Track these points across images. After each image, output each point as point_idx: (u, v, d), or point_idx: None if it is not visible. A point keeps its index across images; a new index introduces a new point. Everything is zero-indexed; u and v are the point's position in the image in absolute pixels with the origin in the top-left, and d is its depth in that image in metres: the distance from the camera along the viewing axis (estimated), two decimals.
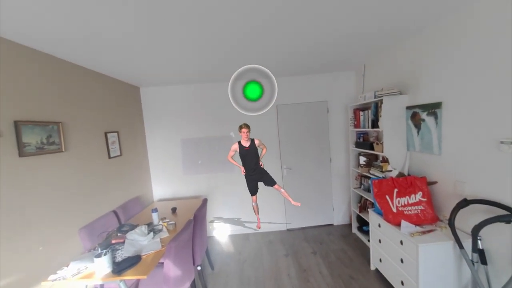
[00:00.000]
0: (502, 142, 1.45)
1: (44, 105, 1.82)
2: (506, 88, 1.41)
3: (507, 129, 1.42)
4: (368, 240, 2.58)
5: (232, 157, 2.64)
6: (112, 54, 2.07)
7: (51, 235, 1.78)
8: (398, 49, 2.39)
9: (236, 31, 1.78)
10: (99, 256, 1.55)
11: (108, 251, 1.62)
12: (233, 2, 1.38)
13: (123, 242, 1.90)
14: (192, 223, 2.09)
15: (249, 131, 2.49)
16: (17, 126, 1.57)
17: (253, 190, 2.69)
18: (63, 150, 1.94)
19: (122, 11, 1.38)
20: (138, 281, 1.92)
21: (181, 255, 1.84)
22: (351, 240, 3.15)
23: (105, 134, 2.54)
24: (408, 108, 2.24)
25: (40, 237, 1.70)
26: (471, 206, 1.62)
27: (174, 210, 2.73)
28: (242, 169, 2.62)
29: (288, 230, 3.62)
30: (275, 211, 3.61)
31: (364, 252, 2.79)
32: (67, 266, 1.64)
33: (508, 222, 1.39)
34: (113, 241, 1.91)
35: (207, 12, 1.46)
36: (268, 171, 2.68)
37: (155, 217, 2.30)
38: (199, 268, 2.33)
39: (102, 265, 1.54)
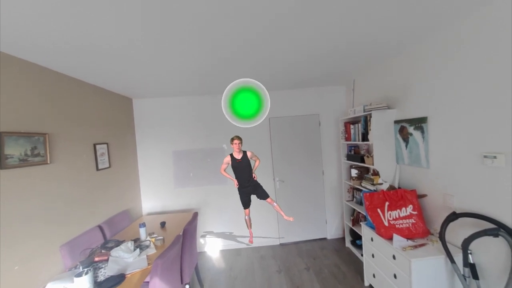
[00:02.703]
0: (485, 156, 1.49)
1: (30, 116, 1.78)
2: (489, 104, 1.47)
3: (490, 143, 1.48)
4: (362, 255, 2.54)
5: (224, 170, 2.61)
6: (107, 67, 2.07)
7: (30, 253, 1.67)
8: (386, 65, 2.49)
9: (230, 44, 1.80)
10: (79, 275, 1.46)
11: (89, 269, 1.53)
12: (230, 15, 1.40)
13: (107, 260, 1.80)
14: (181, 239, 2.02)
15: (241, 143, 2.48)
16: (1, 137, 1.52)
17: (246, 203, 2.64)
18: (48, 162, 1.87)
19: (122, 23, 1.39)
20: None
21: (168, 273, 1.75)
22: (344, 254, 3.10)
23: (94, 145, 2.48)
24: (396, 122, 2.31)
25: (19, 254, 1.59)
26: (461, 219, 1.64)
27: (163, 224, 2.64)
28: (235, 182, 2.59)
29: (281, 244, 3.54)
30: (268, 225, 3.54)
31: (357, 267, 2.74)
32: (45, 287, 1.54)
33: (495, 235, 1.41)
34: (96, 259, 1.81)
35: (207, 24, 1.47)
36: (261, 184, 2.65)
37: (142, 232, 2.21)
38: (187, 286, 2.22)
39: (83, 285, 1.45)
